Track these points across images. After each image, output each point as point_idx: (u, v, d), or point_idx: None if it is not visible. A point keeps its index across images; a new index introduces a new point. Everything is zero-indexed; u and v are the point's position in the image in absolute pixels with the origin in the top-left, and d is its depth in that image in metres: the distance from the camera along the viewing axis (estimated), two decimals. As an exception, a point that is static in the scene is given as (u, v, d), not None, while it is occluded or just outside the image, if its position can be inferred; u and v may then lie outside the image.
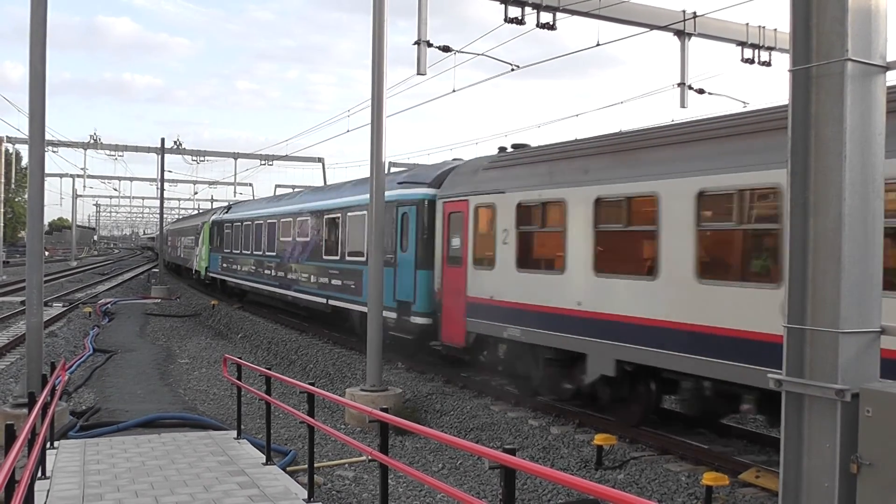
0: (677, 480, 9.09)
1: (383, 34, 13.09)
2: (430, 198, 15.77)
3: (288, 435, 11.87)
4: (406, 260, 16.16)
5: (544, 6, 13.57)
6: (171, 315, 29.77)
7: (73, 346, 20.90)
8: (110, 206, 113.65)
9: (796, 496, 5.24)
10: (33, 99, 11.32)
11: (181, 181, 64.74)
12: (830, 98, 5.09)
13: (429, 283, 15.36)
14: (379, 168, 13.40)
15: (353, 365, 17.03)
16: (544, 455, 10.44)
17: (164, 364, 18.81)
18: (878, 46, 5.16)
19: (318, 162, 50.37)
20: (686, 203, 9.53)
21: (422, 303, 15.56)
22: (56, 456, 9.41)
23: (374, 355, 13.08)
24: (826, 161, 5.11)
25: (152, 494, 7.87)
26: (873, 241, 5.16)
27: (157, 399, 14.50)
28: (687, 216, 9.53)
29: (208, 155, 50.45)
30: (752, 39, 15.88)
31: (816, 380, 5.13)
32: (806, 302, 5.21)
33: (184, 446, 10.01)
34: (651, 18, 15.01)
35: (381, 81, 13.17)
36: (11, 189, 69.59)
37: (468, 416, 12.46)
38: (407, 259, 16.15)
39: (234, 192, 59.18)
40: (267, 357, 19.72)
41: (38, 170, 11.68)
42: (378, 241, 13.43)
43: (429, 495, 8.98)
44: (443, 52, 14.25)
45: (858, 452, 4.98)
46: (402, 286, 16.15)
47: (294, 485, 8.36)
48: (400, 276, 16.25)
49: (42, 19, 11.24)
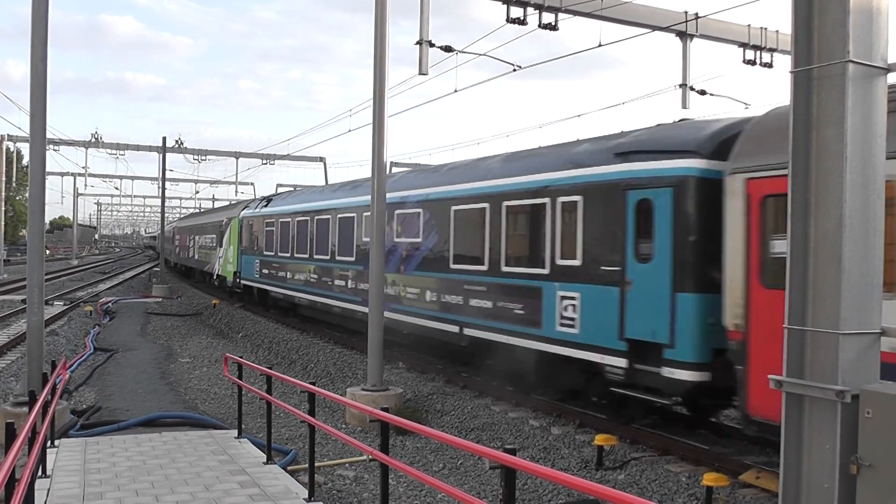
0: (678, 481, 9.10)
1: (385, 34, 13.10)
2: (702, 174, 9.87)
3: (289, 434, 11.88)
4: (650, 275, 10.30)
5: (546, 7, 13.58)
6: (172, 314, 29.79)
7: (74, 345, 20.91)
8: (111, 205, 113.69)
9: (796, 497, 5.24)
10: (34, 97, 11.33)
11: (182, 180, 64.75)
12: (832, 99, 5.10)
13: (702, 315, 9.70)
14: (380, 168, 13.41)
15: (353, 364, 17.04)
16: (545, 455, 10.44)
17: (164, 363, 18.82)
18: (880, 48, 5.17)
19: (319, 161, 50.39)
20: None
21: (688, 345, 9.78)
22: (56, 455, 9.42)
23: (375, 355, 13.10)
24: (827, 162, 5.12)
25: (153, 493, 7.88)
26: (874, 242, 5.17)
27: (158, 398, 14.51)
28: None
29: (209, 154, 50.44)
30: (754, 41, 15.88)
31: (817, 381, 5.14)
32: (806, 303, 5.22)
33: (184, 445, 10.01)
34: (653, 19, 15.02)
35: (383, 81, 13.18)
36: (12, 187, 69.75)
37: (469, 416, 12.46)
38: (652, 274, 10.27)
39: (236, 191, 59.17)
40: (268, 356, 19.72)
41: (39, 168, 11.70)
42: (379, 241, 13.43)
43: (429, 495, 8.98)
44: (445, 52, 14.25)
45: (858, 454, 4.99)
46: (640, 316, 10.40)
47: (295, 484, 8.36)
48: (635, 300, 10.48)
49: (43, 17, 11.26)
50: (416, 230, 16.19)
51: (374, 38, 13.13)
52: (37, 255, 11.64)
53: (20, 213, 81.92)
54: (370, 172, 13.60)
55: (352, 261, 19.29)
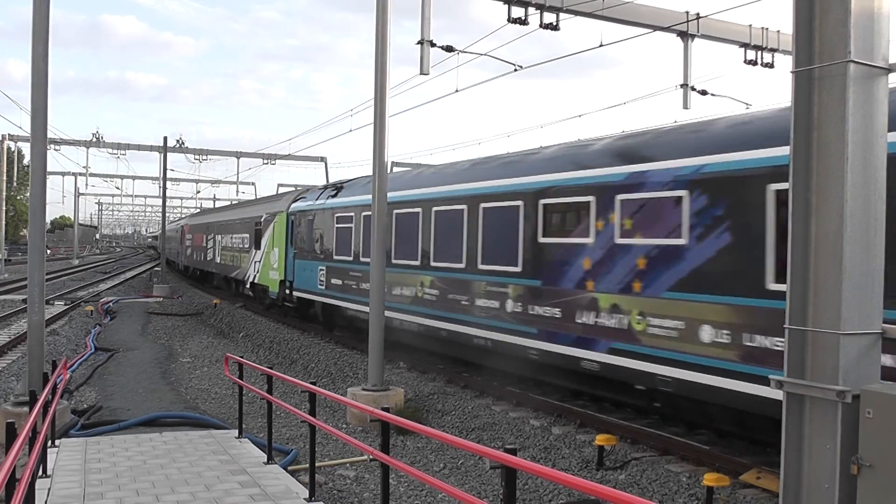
0: (678, 481, 9.09)
1: (386, 34, 13.10)
2: None
3: (289, 434, 11.88)
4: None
5: (547, 7, 13.59)
6: (172, 314, 29.78)
7: (75, 345, 20.92)
8: (112, 205, 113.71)
9: (797, 497, 5.24)
10: (35, 97, 11.34)
11: (183, 180, 64.87)
12: (833, 100, 5.09)
13: None
14: (381, 168, 13.40)
15: (354, 364, 17.04)
16: (545, 455, 10.44)
17: (165, 363, 18.82)
18: (881, 48, 5.16)
19: (320, 161, 50.41)
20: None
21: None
22: (57, 454, 9.42)
23: (376, 355, 13.10)
24: (828, 162, 5.11)
25: (153, 493, 7.88)
26: (875, 242, 5.17)
27: (159, 398, 14.52)
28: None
29: (210, 154, 50.41)
30: (755, 41, 15.88)
31: (817, 381, 5.14)
32: (807, 303, 5.21)
33: (185, 445, 10.01)
34: (654, 19, 15.02)
35: (384, 81, 13.18)
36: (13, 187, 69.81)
37: (470, 416, 12.47)
38: None
39: (237, 191, 59.23)
40: (269, 356, 19.73)
41: (40, 168, 11.70)
42: (380, 241, 13.41)
43: (430, 495, 8.98)
44: (446, 52, 14.26)
45: (859, 454, 4.99)
46: None
47: (295, 484, 8.36)
48: None
49: (44, 17, 11.27)
50: (657, 226, 10.12)
51: (376, 37, 13.13)
52: (38, 255, 11.65)
53: (21, 213, 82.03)
54: (371, 172, 13.59)
55: (515, 272, 12.81)
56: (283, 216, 25.09)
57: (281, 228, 25.14)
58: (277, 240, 25.46)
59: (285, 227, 24.66)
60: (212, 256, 38.66)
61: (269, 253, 26.44)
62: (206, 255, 40.06)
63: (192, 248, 44.77)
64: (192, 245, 45.20)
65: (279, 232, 25.30)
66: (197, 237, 44.15)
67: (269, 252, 26.44)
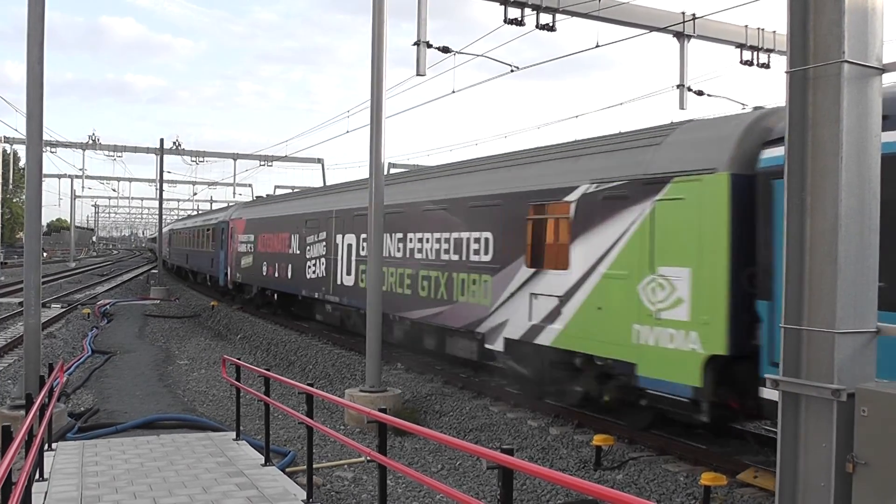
0: (676, 481, 9.11)
1: (383, 35, 13.11)
2: None
3: (287, 436, 11.87)
4: None
5: (544, 7, 13.59)
6: (170, 316, 29.74)
7: (72, 348, 20.88)
8: (109, 207, 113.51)
9: (793, 496, 5.26)
10: (31, 99, 11.33)
11: (180, 182, 64.84)
12: (827, 99, 5.11)
13: None
14: (378, 169, 13.41)
15: (352, 366, 17.03)
16: (543, 455, 10.45)
17: (162, 365, 18.80)
18: (875, 48, 5.18)
19: (317, 163, 50.40)
20: None
21: None
22: (54, 458, 9.41)
23: (374, 356, 13.09)
24: (823, 162, 5.13)
25: (151, 496, 7.87)
26: (870, 241, 5.18)
27: (156, 400, 14.50)
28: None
29: (207, 155, 50.39)
30: (751, 41, 15.90)
31: (813, 380, 5.15)
32: (802, 302, 5.23)
33: (182, 447, 10.01)
34: (650, 20, 15.04)
35: (381, 82, 13.19)
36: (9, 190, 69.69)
37: (467, 417, 12.47)
38: None
39: (234, 192, 59.19)
40: (266, 358, 19.71)
41: (35, 170, 11.69)
42: (378, 241, 13.42)
43: (427, 496, 8.98)
44: (442, 52, 14.25)
45: (854, 452, 5.00)
46: None
47: (293, 486, 8.36)
48: None
49: (40, 19, 11.25)
50: None
51: (372, 39, 13.13)
52: (34, 258, 11.63)
53: (17, 216, 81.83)
54: (367, 174, 13.60)
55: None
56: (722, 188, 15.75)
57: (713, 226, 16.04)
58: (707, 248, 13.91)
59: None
60: (271, 270, 24.88)
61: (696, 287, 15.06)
62: (289, 272, 23.27)
63: (262, 256, 26.22)
64: (257, 251, 26.95)
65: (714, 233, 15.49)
66: (266, 239, 25.95)
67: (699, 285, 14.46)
